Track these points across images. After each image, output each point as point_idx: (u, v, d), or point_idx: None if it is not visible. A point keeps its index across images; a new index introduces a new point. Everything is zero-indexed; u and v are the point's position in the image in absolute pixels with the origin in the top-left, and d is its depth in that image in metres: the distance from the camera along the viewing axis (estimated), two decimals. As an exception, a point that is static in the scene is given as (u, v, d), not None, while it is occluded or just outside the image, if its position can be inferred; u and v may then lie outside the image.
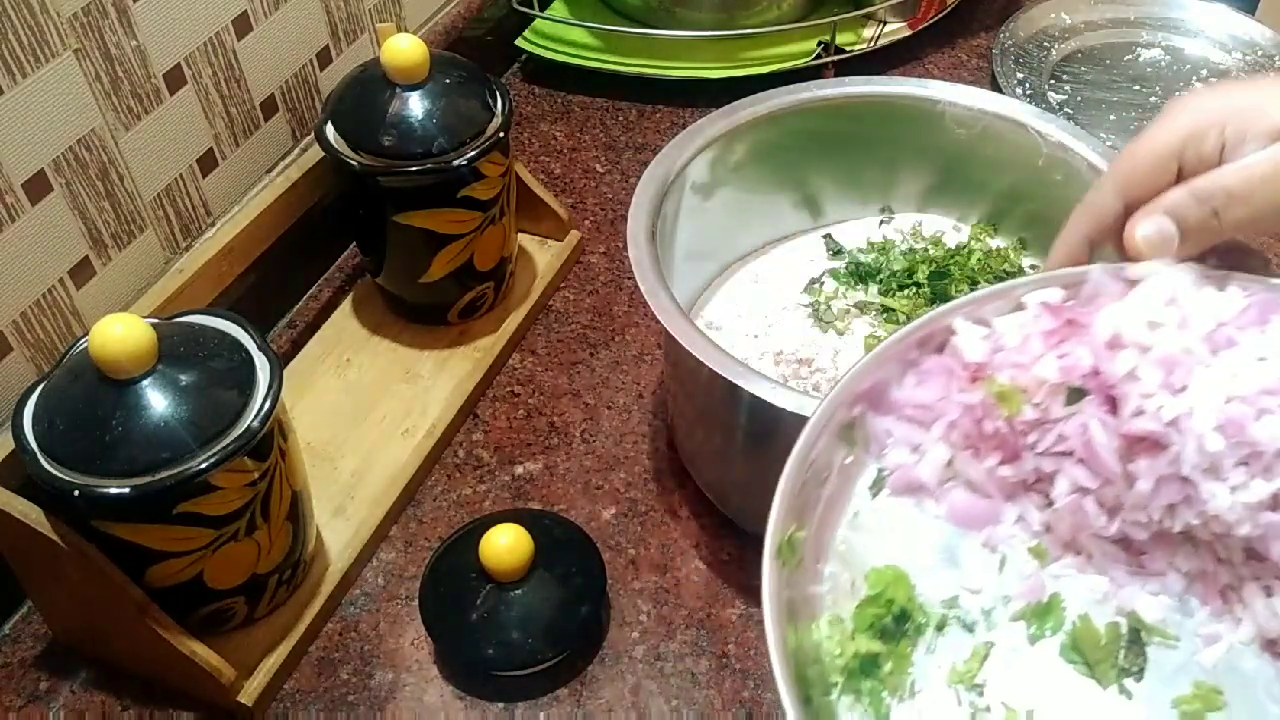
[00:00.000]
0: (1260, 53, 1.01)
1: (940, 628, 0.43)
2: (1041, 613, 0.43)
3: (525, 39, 1.02)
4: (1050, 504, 0.44)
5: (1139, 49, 1.03)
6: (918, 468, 0.45)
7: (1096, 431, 0.42)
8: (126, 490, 0.51)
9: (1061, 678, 0.42)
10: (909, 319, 0.53)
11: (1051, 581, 0.44)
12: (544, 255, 0.84)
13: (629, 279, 0.83)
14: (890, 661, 0.42)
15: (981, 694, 0.42)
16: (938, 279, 0.69)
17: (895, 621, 0.42)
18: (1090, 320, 0.43)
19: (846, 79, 0.73)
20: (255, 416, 0.54)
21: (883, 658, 0.42)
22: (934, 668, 0.42)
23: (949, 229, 0.74)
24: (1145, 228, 0.43)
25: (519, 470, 0.71)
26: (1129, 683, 0.42)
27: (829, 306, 0.70)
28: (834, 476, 0.44)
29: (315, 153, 0.73)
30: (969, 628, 0.43)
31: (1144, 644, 0.42)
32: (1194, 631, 0.42)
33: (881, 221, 0.75)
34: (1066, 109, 0.96)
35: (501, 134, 0.71)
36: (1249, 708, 0.41)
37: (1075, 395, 0.42)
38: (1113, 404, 0.42)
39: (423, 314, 0.79)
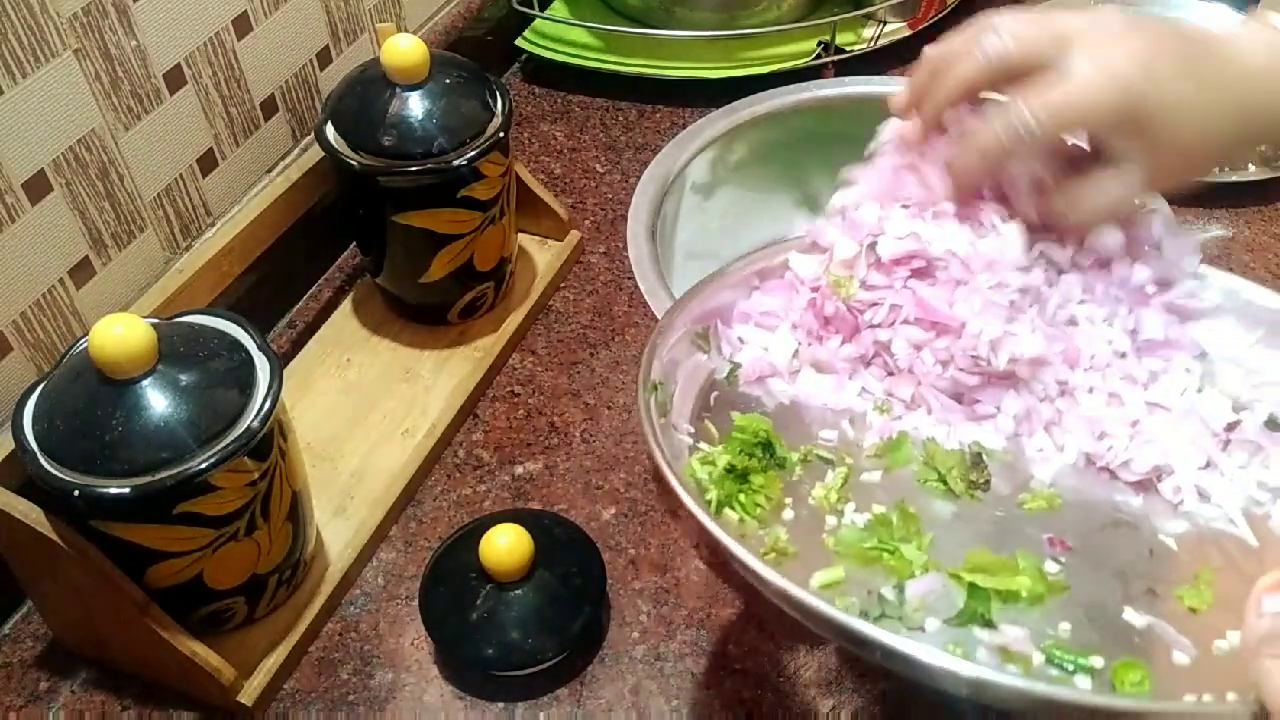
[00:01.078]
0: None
1: (804, 461, 0.49)
2: (894, 447, 0.50)
3: (525, 39, 1.03)
4: (890, 374, 0.52)
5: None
6: (769, 355, 0.53)
7: (920, 288, 0.50)
8: (126, 490, 0.51)
9: (919, 493, 0.48)
10: None
11: (898, 424, 0.51)
12: (544, 255, 0.84)
13: (629, 279, 0.83)
14: (760, 479, 0.48)
15: (845, 513, 0.47)
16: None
17: (761, 450, 0.49)
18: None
19: (846, 79, 0.73)
20: (255, 416, 0.54)
21: (752, 473, 0.48)
22: (803, 494, 0.48)
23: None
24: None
25: (519, 470, 0.71)
26: (978, 493, 0.48)
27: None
28: (690, 369, 0.52)
29: (315, 153, 0.73)
30: (829, 462, 0.49)
31: (986, 465, 0.49)
32: (1028, 456, 0.49)
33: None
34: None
35: (501, 134, 0.71)
36: (1083, 509, 0.47)
37: (871, 251, 0.52)
38: (921, 273, 0.51)
39: (423, 314, 0.79)
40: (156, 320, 0.55)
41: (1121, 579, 0.45)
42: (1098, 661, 0.41)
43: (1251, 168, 0.87)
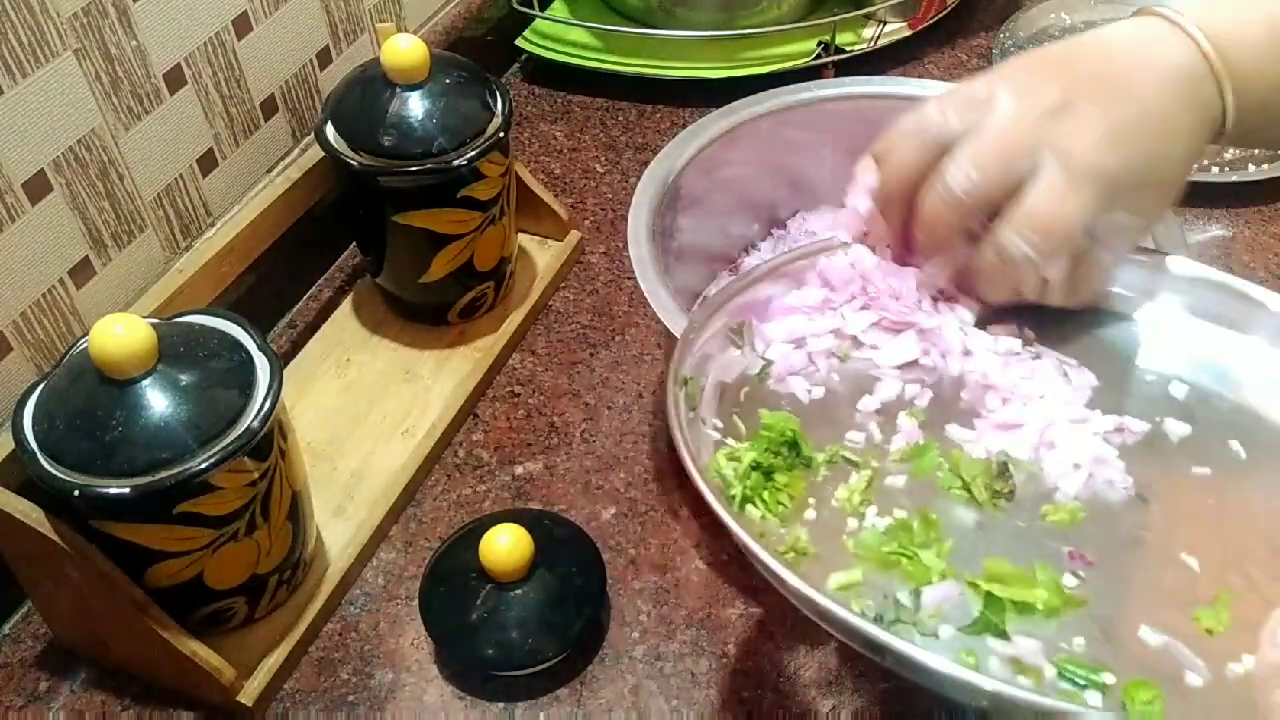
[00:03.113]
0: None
1: (830, 462, 0.49)
2: (920, 452, 0.49)
3: (525, 39, 1.03)
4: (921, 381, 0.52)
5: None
6: (803, 353, 0.53)
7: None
8: (126, 490, 0.51)
9: (942, 499, 0.48)
10: None
11: (926, 432, 0.50)
12: (544, 255, 0.84)
13: (629, 279, 0.83)
14: (785, 478, 0.47)
15: (867, 516, 0.47)
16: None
17: (787, 449, 0.49)
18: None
19: (846, 79, 0.73)
20: (255, 416, 0.54)
21: (777, 473, 0.48)
22: (827, 494, 0.48)
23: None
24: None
25: (519, 470, 0.71)
26: (1001, 502, 0.48)
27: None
28: (723, 364, 0.52)
29: (315, 153, 0.73)
30: (854, 464, 0.49)
31: (1010, 475, 0.48)
32: (1054, 465, 0.49)
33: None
34: (1066, 109, 0.96)
35: (501, 134, 0.71)
36: (1106, 524, 0.47)
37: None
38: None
39: (423, 314, 0.79)
40: (156, 320, 0.55)
41: (1139, 597, 0.44)
42: (1109, 678, 0.41)
43: (1251, 168, 0.87)
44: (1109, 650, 0.42)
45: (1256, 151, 0.90)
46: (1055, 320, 0.54)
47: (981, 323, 0.54)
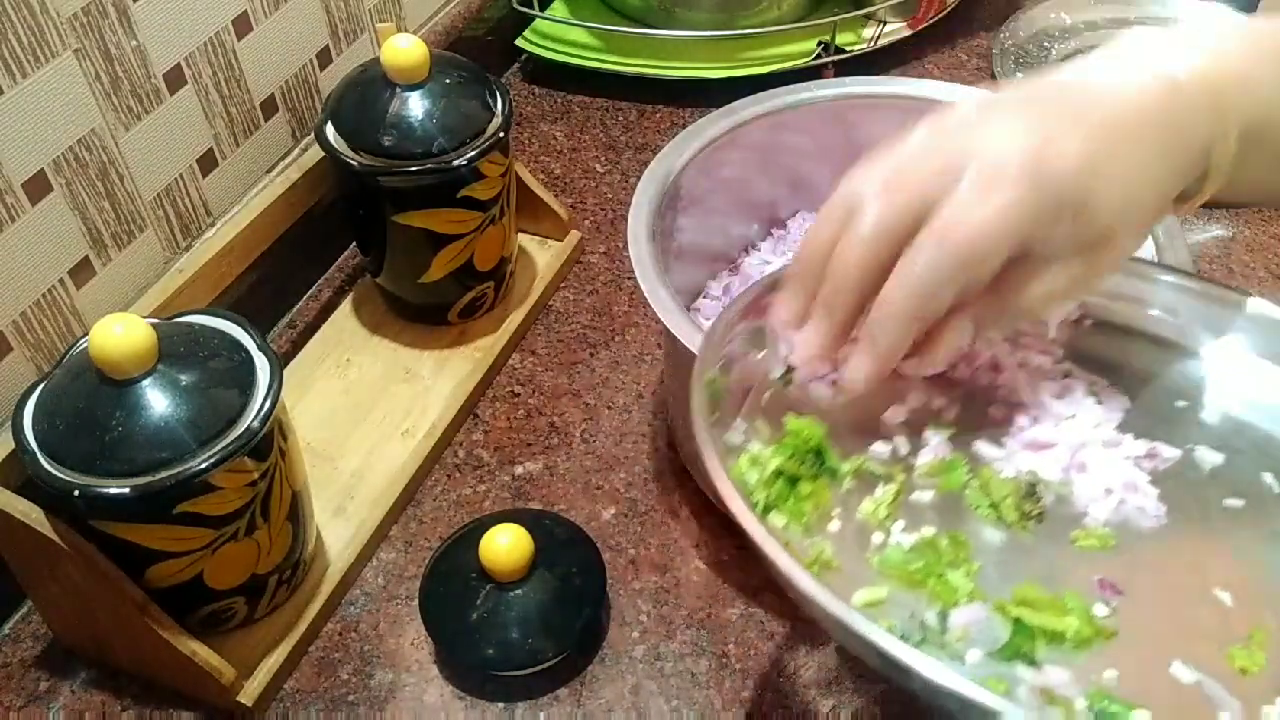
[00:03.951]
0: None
1: (855, 473, 0.47)
2: (948, 468, 0.47)
3: (525, 39, 1.02)
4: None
5: (1139, 49, 1.03)
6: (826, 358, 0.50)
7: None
8: (126, 490, 0.51)
9: (969, 518, 0.46)
10: None
11: (954, 447, 0.48)
12: (544, 255, 0.84)
13: (629, 279, 0.83)
14: (809, 487, 0.46)
15: (893, 531, 0.45)
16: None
17: (813, 456, 0.46)
18: None
19: (846, 79, 0.73)
20: (255, 416, 0.54)
21: (801, 481, 0.46)
22: (851, 506, 0.46)
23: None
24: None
25: (519, 470, 0.71)
26: (1030, 524, 0.46)
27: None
28: (747, 366, 0.50)
29: (315, 153, 0.73)
30: (881, 477, 0.47)
31: (1040, 496, 0.46)
32: (1085, 489, 0.47)
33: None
34: (1066, 109, 0.96)
35: (501, 134, 0.71)
36: (1137, 553, 0.45)
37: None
38: None
39: (423, 314, 0.79)
40: (156, 320, 0.55)
41: (1171, 631, 0.43)
42: (1143, 716, 0.39)
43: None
44: (1141, 685, 0.40)
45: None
46: (1086, 341, 0.53)
47: (1013, 336, 0.52)
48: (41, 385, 0.54)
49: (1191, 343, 0.53)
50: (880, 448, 0.48)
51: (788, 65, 0.98)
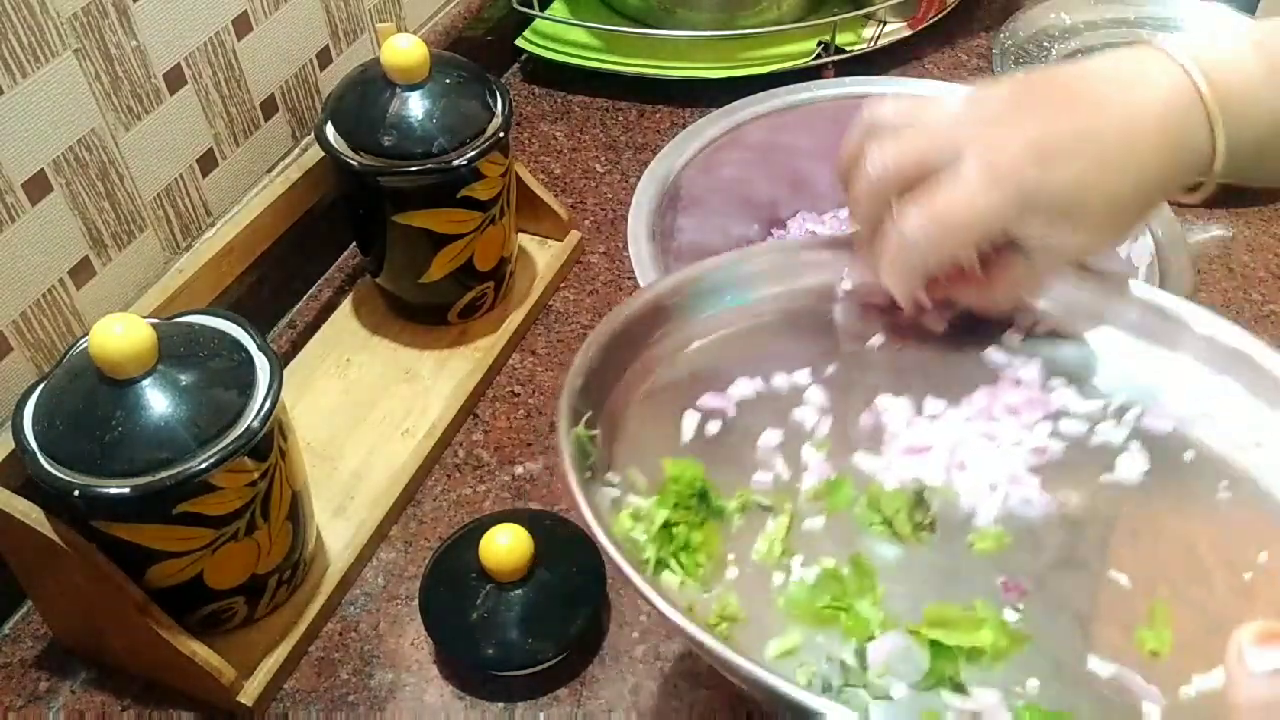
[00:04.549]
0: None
1: (742, 510, 0.46)
2: (833, 488, 0.47)
3: (525, 39, 1.03)
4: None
5: (1139, 49, 1.03)
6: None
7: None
8: (126, 490, 0.51)
9: (864, 538, 0.46)
10: None
11: (834, 464, 0.48)
12: (544, 255, 0.84)
13: (629, 279, 0.83)
14: (699, 535, 0.45)
15: (792, 568, 0.44)
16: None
17: (697, 500, 0.45)
18: None
19: (846, 79, 0.73)
20: (255, 416, 0.54)
21: (691, 530, 0.44)
22: (745, 546, 0.45)
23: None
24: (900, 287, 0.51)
25: (519, 470, 0.71)
26: (924, 535, 0.46)
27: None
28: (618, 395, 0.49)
29: (315, 153, 0.73)
30: (770, 509, 0.46)
31: (929, 504, 0.46)
32: (969, 487, 0.47)
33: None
34: (1066, 109, 0.96)
35: (501, 134, 0.71)
36: (1031, 546, 0.45)
37: None
38: None
39: (423, 314, 0.79)
40: (156, 320, 0.55)
41: (1080, 623, 0.43)
42: None
43: (1251, 168, 0.87)
44: (1064, 688, 0.40)
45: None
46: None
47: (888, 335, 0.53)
48: (41, 385, 0.54)
49: (1074, 329, 0.53)
50: (762, 476, 0.47)
51: (788, 65, 0.98)
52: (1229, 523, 0.46)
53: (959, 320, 0.53)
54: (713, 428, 0.49)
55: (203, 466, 0.52)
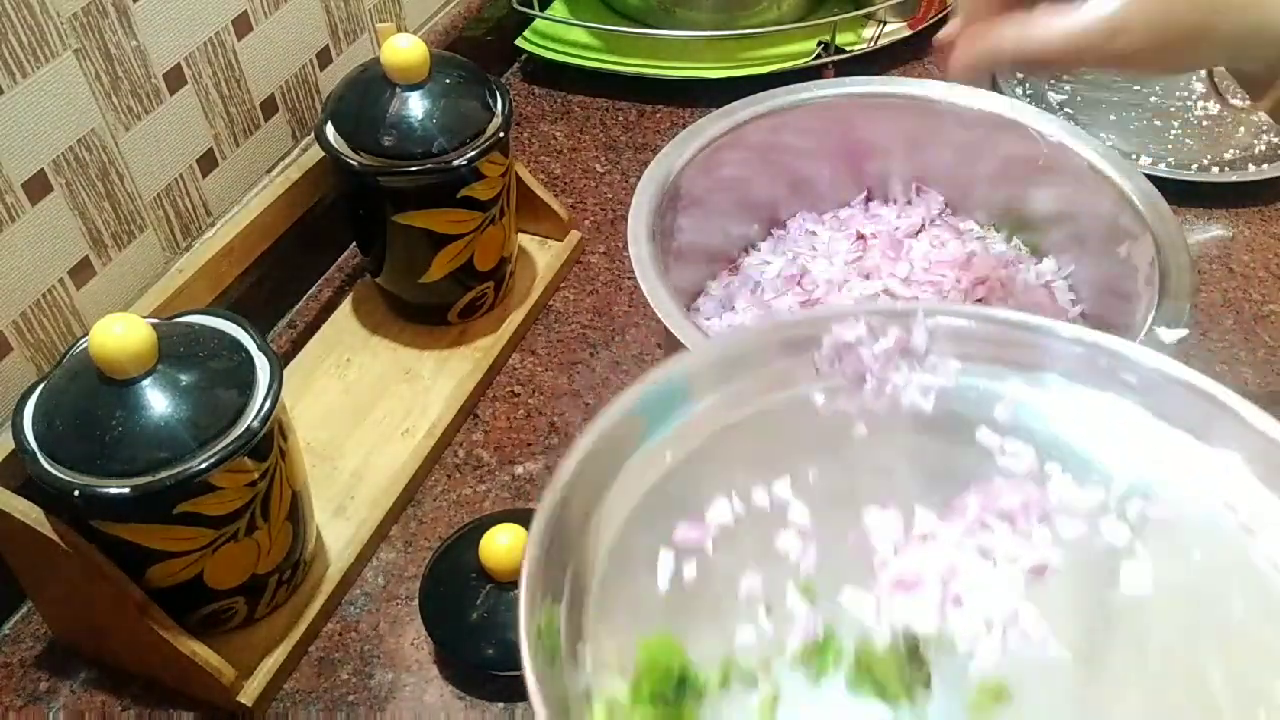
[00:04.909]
0: (1260, 53, 1.01)
1: (723, 684, 0.42)
2: (821, 649, 0.43)
3: (525, 39, 1.02)
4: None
5: (1139, 49, 1.03)
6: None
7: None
8: (126, 490, 0.51)
9: (853, 708, 0.42)
10: None
11: (823, 616, 0.43)
12: (544, 255, 0.84)
13: (629, 279, 0.83)
14: None
15: None
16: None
17: (675, 689, 0.41)
18: None
19: (846, 79, 0.73)
20: (255, 416, 0.54)
21: None
22: None
23: (949, 229, 0.75)
24: (959, 72, 0.50)
25: (519, 470, 0.71)
26: (919, 696, 0.42)
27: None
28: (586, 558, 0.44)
29: (315, 153, 0.73)
30: (751, 681, 0.42)
31: (923, 657, 0.42)
32: (964, 628, 0.42)
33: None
34: (1066, 109, 0.96)
35: (501, 134, 0.71)
36: (1036, 699, 0.41)
37: None
38: None
39: (423, 314, 0.79)
40: (156, 320, 0.55)
41: None
42: None
43: (1251, 168, 0.87)
44: None
45: (1256, 151, 0.90)
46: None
47: None
48: (41, 385, 0.54)
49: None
50: (744, 635, 0.43)
51: (788, 65, 0.98)
52: (1242, 646, 0.41)
53: (944, 400, 0.46)
54: (689, 571, 0.42)
55: (203, 466, 0.52)
